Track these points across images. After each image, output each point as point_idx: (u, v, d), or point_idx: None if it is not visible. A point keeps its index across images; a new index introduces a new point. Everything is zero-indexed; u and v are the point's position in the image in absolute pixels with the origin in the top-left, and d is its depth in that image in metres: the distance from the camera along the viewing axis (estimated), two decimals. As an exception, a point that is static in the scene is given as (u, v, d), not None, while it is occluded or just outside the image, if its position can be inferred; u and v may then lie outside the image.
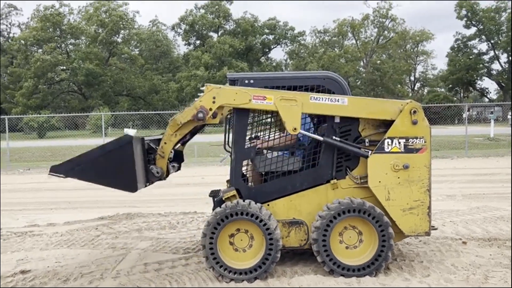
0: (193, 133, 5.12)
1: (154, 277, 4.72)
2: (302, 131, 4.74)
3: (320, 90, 4.85)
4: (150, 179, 4.68)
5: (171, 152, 4.96)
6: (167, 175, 4.94)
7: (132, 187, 4.35)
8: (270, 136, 5.23)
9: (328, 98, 4.67)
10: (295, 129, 4.62)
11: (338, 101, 4.66)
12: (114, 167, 4.32)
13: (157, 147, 4.81)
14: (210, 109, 4.63)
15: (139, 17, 72.55)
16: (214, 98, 4.63)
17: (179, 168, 5.42)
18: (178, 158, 5.36)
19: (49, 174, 4.40)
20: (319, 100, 4.65)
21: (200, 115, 4.58)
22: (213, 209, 4.82)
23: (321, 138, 4.70)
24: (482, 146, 20.67)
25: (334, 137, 4.71)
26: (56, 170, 4.36)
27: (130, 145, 4.32)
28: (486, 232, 6.12)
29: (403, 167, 4.60)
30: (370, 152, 4.64)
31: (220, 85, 4.73)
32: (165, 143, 4.78)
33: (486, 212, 7.44)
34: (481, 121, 42.30)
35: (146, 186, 4.69)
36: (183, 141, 5.23)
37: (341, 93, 4.79)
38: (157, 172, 4.67)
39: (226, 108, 4.88)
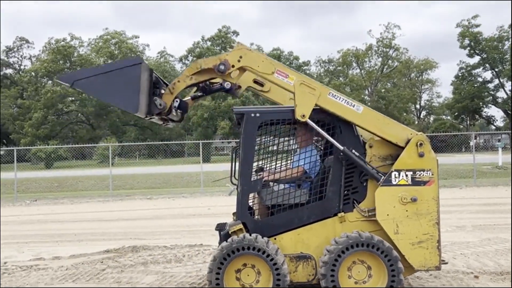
0: (205, 90, 5.06)
1: (160, 313, 4.64)
2: (312, 123, 4.64)
3: (325, 122, 4.85)
4: (151, 110, 4.60)
5: (177, 101, 4.89)
6: (168, 113, 4.84)
7: (134, 107, 4.34)
8: (277, 167, 5.22)
9: (345, 100, 4.68)
10: (303, 115, 4.61)
11: (354, 107, 4.66)
12: (120, 85, 4.33)
13: (166, 83, 4.80)
14: (233, 66, 4.65)
15: (148, 50, 74.16)
16: (240, 57, 4.66)
17: (182, 119, 5.37)
18: (182, 108, 5.21)
19: (55, 80, 4.49)
20: (336, 98, 4.66)
21: (222, 67, 4.60)
22: (219, 243, 4.77)
23: (341, 147, 4.64)
24: (490, 175, 20.47)
25: (353, 151, 4.63)
26: (64, 79, 4.41)
27: (138, 66, 4.35)
28: (498, 266, 5.98)
29: (411, 200, 4.56)
30: (382, 177, 4.58)
31: (250, 48, 4.76)
32: (178, 81, 4.78)
33: (497, 244, 7.29)
34: (488, 149, 42.02)
35: (147, 117, 4.65)
36: (194, 95, 5.20)
37: (346, 126, 4.79)
38: (160, 105, 4.61)
39: (246, 78, 4.90)
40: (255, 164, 5.02)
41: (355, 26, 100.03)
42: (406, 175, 4.60)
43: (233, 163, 5.46)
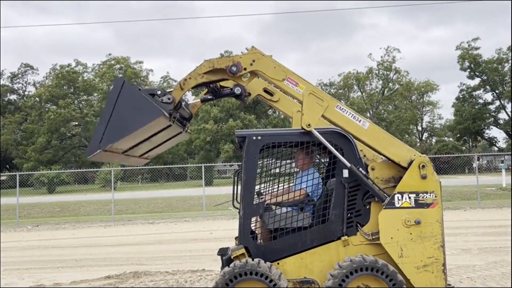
0: (215, 93, 5.02)
1: None
2: (316, 133, 4.63)
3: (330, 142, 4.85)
4: (165, 108, 4.44)
5: (185, 108, 4.87)
6: (178, 107, 4.78)
7: (157, 112, 4.24)
8: (279, 190, 5.19)
9: (352, 115, 4.68)
10: (309, 125, 4.61)
11: (360, 122, 4.67)
12: (129, 108, 4.28)
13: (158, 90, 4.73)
14: (245, 69, 4.65)
15: (151, 75, 75.08)
16: (253, 60, 4.66)
17: (191, 116, 5.32)
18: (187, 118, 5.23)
19: (87, 158, 4.35)
20: (343, 111, 4.68)
21: (234, 68, 4.59)
22: (222, 268, 4.71)
23: (348, 164, 4.61)
24: (494, 197, 20.31)
25: (360, 169, 4.62)
26: (90, 151, 4.31)
27: (125, 84, 4.32)
28: (505, 289, 5.88)
29: (415, 223, 4.51)
30: (388, 198, 4.55)
31: (264, 53, 4.77)
32: (190, 78, 4.73)
33: (504, 267, 7.18)
34: (491, 170, 41.83)
35: (171, 121, 4.51)
36: (205, 97, 5.15)
37: (349, 149, 4.78)
38: (169, 99, 4.56)
39: (257, 85, 4.94)
40: (257, 187, 5.00)
41: (354, 50, 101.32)
42: (409, 198, 4.57)
43: (235, 187, 5.44)
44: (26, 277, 7.94)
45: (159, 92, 4.61)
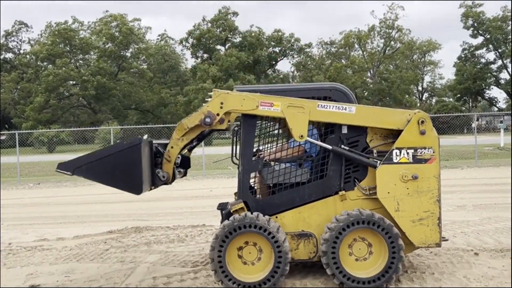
0: (200, 138, 5.07)
1: (163, 291, 4.70)
2: (309, 139, 4.73)
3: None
4: (155, 182, 4.66)
5: (178, 157, 4.94)
6: (172, 180, 4.92)
7: (137, 189, 4.33)
8: (278, 147, 5.22)
9: (336, 106, 4.66)
10: (301, 136, 4.63)
11: (346, 110, 4.66)
12: (121, 168, 4.30)
13: (165, 151, 4.80)
14: (218, 114, 4.63)
15: (149, 33, 73.43)
16: (221, 103, 4.64)
17: (185, 174, 5.40)
18: (184, 164, 5.31)
19: (56, 170, 4.39)
20: (326, 108, 4.65)
21: (208, 120, 4.59)
22: (221, 222, 4.81)
23: (329, 147, 4.69)
24: (492, 156, 20.46)
25: (342, 146, 4.69)
26: (63, 167, 4.35)
27: (138, 147, 4.31)
28: (498, 243, 6.03)
29: (412, 178, 4.57)
30: (378, 162, 4.61)
31: (228, 91, 4.74)
32: (171, 147, 4.77)
33: (498, 222, 7.33)
34: (490, 130, 41.90)
35: (151, 189, 4.68)
36: (190, 146, 5.18)
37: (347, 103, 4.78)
38: (163, 176, 4.66)
39: (234, 114, 4.89)
40: (255, 144, 5.02)
41: (356, 8, 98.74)
42: (407, 153, 4.60)
43: (234, 145, 5.46)
44: (30, 232, 8.10)
45: (158, 170, 4.70)
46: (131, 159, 4.30)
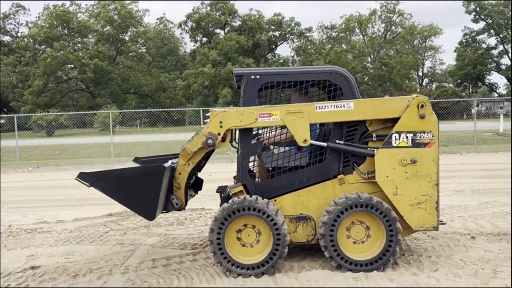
0: (206, 158, 5.13)
1: (162, 272, 4.75)
2: (316, 142, 4.74)
3: (327, 85, 4.84)
4: (168, 208, 4.73)
5: (192, 178, 5.02)
6: (185, 205, 4.98)
7: (150, 217, 4.41)
8: (277, 131, 5.21)
9: (334, 105, 4.65)
10: (305, 140, 4.64)
11: (344, 106, 4.64)
12: (139, 193, 4.35)
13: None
14: (219, 134, 4.64)
15: (147, 16, 72.74)
16: (220, 122, 4.64)
17: (196, 193, 5.48)
18: (197, 185, 5.42)
19: (75, 179, 4.43)
20: (325, 108, 4.65)
21: (210, 141, 4.59)
22: (220, 205, 4.83)
23: (324, 144, 4.70)
24: (491, 142, 20.49)
25: (337, 141, 4.71)
26: (83, 177, 4.41)
27: (161, 175, 4.33)
28: (495, 227, 6.07)
29: (411, 162, 4.58)
30: (375, 150, 4.62)
31: (225, 109, 4.74)
32: (179, 173, 4.79)
33: (495, 207, 7.38)
34: (490, 116, 41.89)
35: (161, 213, 4.76)
36: (199, 166, 5.23)
37: (348, 88, 4.77)
38: (176, 204, 4.74)
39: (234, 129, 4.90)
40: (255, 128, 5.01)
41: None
42: (407, 137, 4.60)
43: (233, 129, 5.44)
44: (30, 215, 8.15)
45: (173, 196, 4.76)
46: (151, 187, 4.33)
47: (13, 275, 4.81)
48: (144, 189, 4.34)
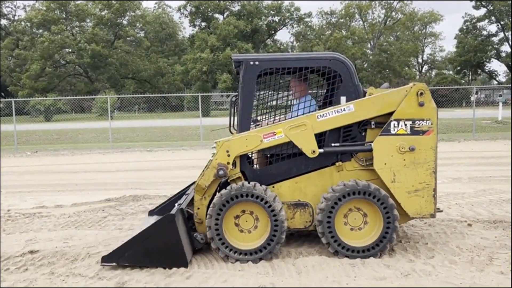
0: (221, 187, 5.11)
1: (161, 257, 4.76)
2: (327, 149, 4.72)
3: (326, 72, 4.81)
4: (196, 246, 4.75)
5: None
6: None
7: (183, 263, 4.40)
8: (275, 118, 5.19)
9: (335, 110, 4.62)
10: (313, 151, 4.63)
11: (345, 110, 4.62)
12: (162, 248, 4.39)
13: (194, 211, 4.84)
14: (228, 163, 4.63)
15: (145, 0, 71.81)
16: (227, 151, 4.63)
17: None
18: None
19: (101, 264, 4.46)
20: (326, 116, 4.63)
21: (221, 172, 4.59)
22: (219, 191, 4.84)
23: (321, 150, 4.67)
24: (489, 129, 20.52)
25: (333, 144, 4.70)
26: (108, 259, 4.45)
27: (173, 223, 4.37)
28: (491, 215, 6.11)
29: (409, 149, 4.58)
30: (371, 144, 4.62)
31: (228, 138, 4.72)
32: (198, 208, 4.81)
33: (492, 194, 7.42)
34: (489, 104, 41.88)
35: (193, 253, 4.77)
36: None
37: (347, 75, 4.74)
38: (202, 239, 4.73)
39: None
40: (253, 114, 5.00)
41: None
42: (405, 125, 4.60)
43: (232, 116, 5.43)
44: (28, 199, 8.16)
45: (195, 234, 4.75)
46: (170, 237, 4.37)
47: (12, 259, 4.83)
48: (165, 243, 4.39)
